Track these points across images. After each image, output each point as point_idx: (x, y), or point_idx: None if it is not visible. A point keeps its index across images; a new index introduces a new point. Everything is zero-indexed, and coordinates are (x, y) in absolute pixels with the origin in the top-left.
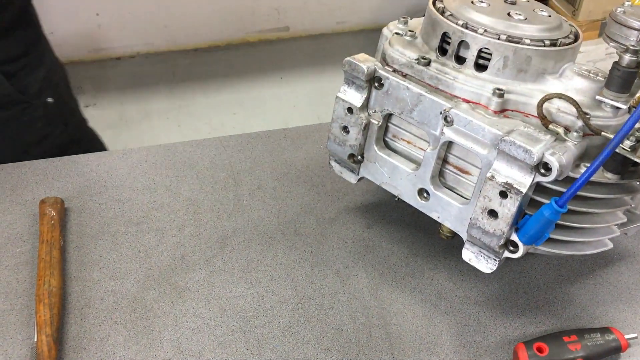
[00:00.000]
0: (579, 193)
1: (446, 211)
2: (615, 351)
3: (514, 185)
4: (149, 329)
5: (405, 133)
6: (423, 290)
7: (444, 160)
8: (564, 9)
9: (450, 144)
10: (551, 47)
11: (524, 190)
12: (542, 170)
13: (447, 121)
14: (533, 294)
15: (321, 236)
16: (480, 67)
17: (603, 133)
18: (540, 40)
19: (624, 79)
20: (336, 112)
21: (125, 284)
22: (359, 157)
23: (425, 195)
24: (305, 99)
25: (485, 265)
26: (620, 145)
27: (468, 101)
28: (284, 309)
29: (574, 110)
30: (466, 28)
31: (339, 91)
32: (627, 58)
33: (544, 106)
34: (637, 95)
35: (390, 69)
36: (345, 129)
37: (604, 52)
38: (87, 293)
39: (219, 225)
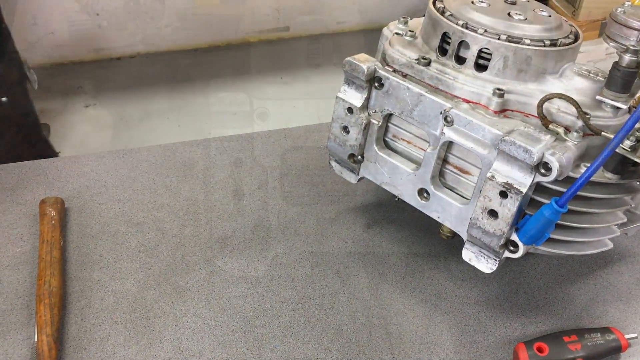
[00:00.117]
0: (579, 193)
1: (446, 211)
2: (616, 351)
3: (514, 185)
4: (149, 329)
5: (406, 133)
6: (423, 290)
7: (444, 160)
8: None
9: (450, 144)
10: (551, 47)
11: (524, 190)
12: (542, 170)
13: (447, 121)
14: (533, 294)
15: (321, 236)
16: (480, 67)
17: (603, 133)
18: (540, 41)
19: (624, 79)
20: (336, 112)
21: (125, 284)
22: (359, 157)
23: (425, 195)
24: (305, 99)
25: (486, 265)
26: (621, 145)
27: (468, 101)
28: (284, 309)
29: (574, 111)
30: (466, 28)
31: (339, 91)
32: (627, 58)
33: (544, 106)
34: (637, 95)
35: (391, 69)
36: (345, 129)
37: (604, 52)
38: (88, 293)
39: (219, 225)
